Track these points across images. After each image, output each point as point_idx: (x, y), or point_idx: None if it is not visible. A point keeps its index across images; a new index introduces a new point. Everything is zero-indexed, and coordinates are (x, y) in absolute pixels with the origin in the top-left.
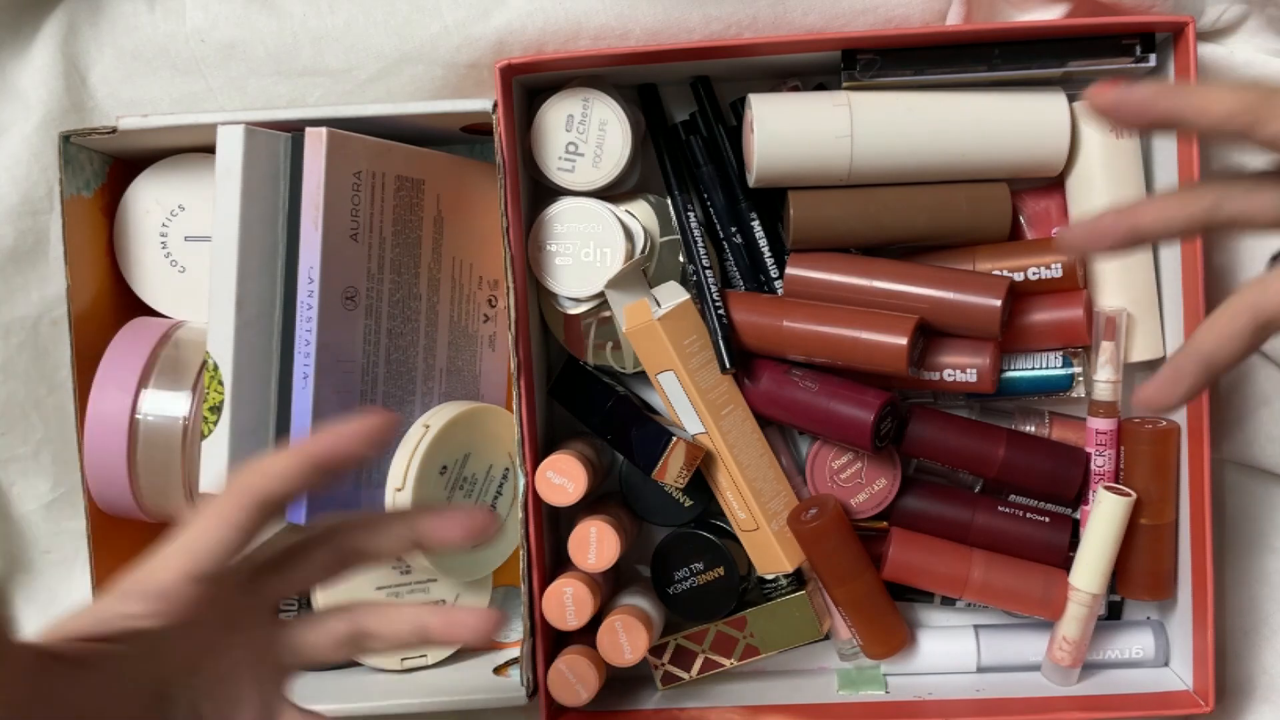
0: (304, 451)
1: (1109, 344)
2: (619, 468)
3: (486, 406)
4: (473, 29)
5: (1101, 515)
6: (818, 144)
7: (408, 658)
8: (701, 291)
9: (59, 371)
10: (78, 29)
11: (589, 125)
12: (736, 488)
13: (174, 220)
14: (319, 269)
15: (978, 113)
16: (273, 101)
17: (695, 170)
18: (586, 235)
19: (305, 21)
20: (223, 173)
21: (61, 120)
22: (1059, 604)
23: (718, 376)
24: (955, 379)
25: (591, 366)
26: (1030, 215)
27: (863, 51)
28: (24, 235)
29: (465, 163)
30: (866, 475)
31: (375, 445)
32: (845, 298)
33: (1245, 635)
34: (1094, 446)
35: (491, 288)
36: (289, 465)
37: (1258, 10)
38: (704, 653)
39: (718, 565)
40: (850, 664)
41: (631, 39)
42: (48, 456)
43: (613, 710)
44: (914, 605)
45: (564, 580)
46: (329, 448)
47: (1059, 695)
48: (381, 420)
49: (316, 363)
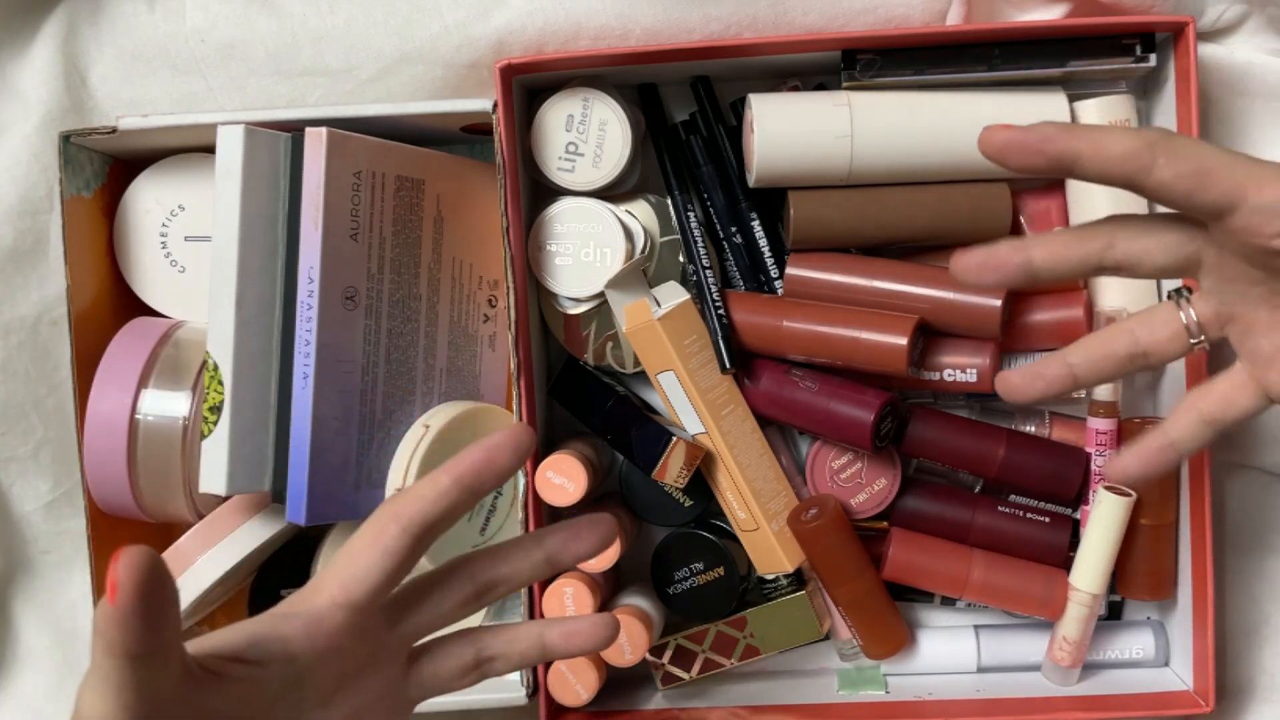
0: (454, 472)
1: None
2: (619, 468)
3: (486, 406)
4: (473, 29)
5: (1101, 515)
6: (818, 144)
7: None
8: (701, 291)
9: (59, 371)
10: (78, 29)
11: (589, 125)
12: (736, 488)
13: (174, 220)
14: (319, 269)
15: (978, 113)
16: (273, 101)
17: (695, 170)
18: (586, 235)
19: (305, 21)
20: (223, 173)
21: (61, 120)
22: (1059, 604)
23: (718, 376)
24: (955, 379)
25: (591, 366)
26: (1030, 215)
27: (863, 51)
28: (24, 235)
29: (465, 163)
30: (866, 475)
31: (523, 457)
32: (845, 298)
33: (1245, 635)
34: (1094, 446)
35: (491, 288)
36: (442, 487)
37: (1258, 10)
38: (704, 653)
39: (718, 565)
40: (850, 664)
41: (631, 39)
42: (48, 456)
43: (613, 710)
44: (914, 605)
45: (564, 580)
46: (479, 464)
47: (1059, 695)
48: (526, 432)
49: (316, 363)
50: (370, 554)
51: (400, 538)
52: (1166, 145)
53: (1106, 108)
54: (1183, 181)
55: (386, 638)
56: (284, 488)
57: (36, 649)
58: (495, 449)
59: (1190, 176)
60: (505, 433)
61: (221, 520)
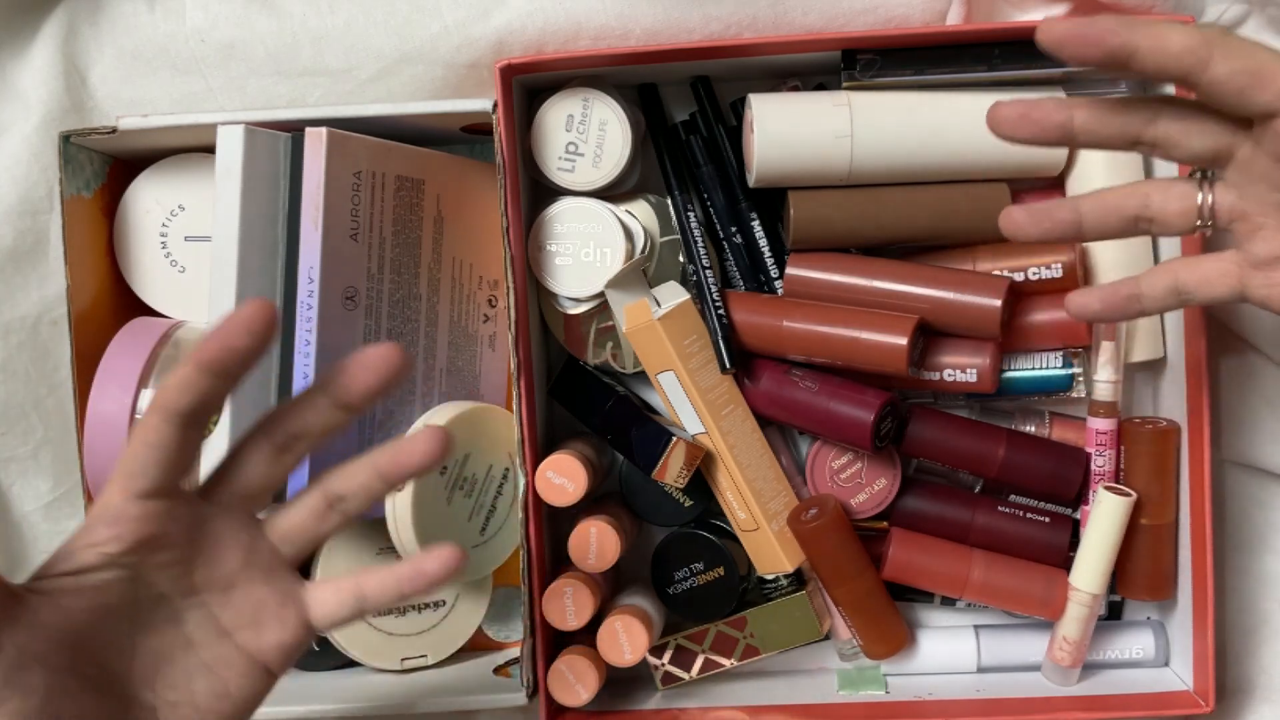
0: (195, 358)
1: (1109, 344)
2: (619, 468)
3: (486, 406)
4: (473, 29)
5: (1101, 515)
6: (818, 144)
7: (408, 658)
8: (701, 291)
9: (59, 371)
10: (78, 29)
11: (589, 125)
12: (736, 488)
13: (174, 220)
14: (319, 269)
15: (978, 113)
16: (273, 101)
17: (695, 170)
18: (586, 235)
19: (305, 21)
20: (223, 173)
21: (61, 120)
22: (1059, 604)
23: (718, 376)
24: (955, 379)
25: (591, 366)
26: None
27: (863, 51)
28: (24, 235)
29: (465, 163)
30: (866, 475)
31: (259, 335)
32: (845, 298)
33: (1245, 635)
34: (1094, 446)
35: (491, 288)
36: (185, 374)
37: (1258, 10)
38: (704, 653)
39: (718, 565)
40: (850, 664)
41: (631, 39)
42: (48, 456)
43: (613, 710)
44: (914, 605)
45: (564, 580)
46: (215, 345)
47: (1059, 695)
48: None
49: (317, 363)
50: (138, 447)
51: (160, 427)
52: (1224, 42)
53: None
54: (1237, 79)
55: (210, 511)
56: (284, 488)
57: None
58: (228, 328)
59: (1245, 74)
60: (237, 313)
61: None
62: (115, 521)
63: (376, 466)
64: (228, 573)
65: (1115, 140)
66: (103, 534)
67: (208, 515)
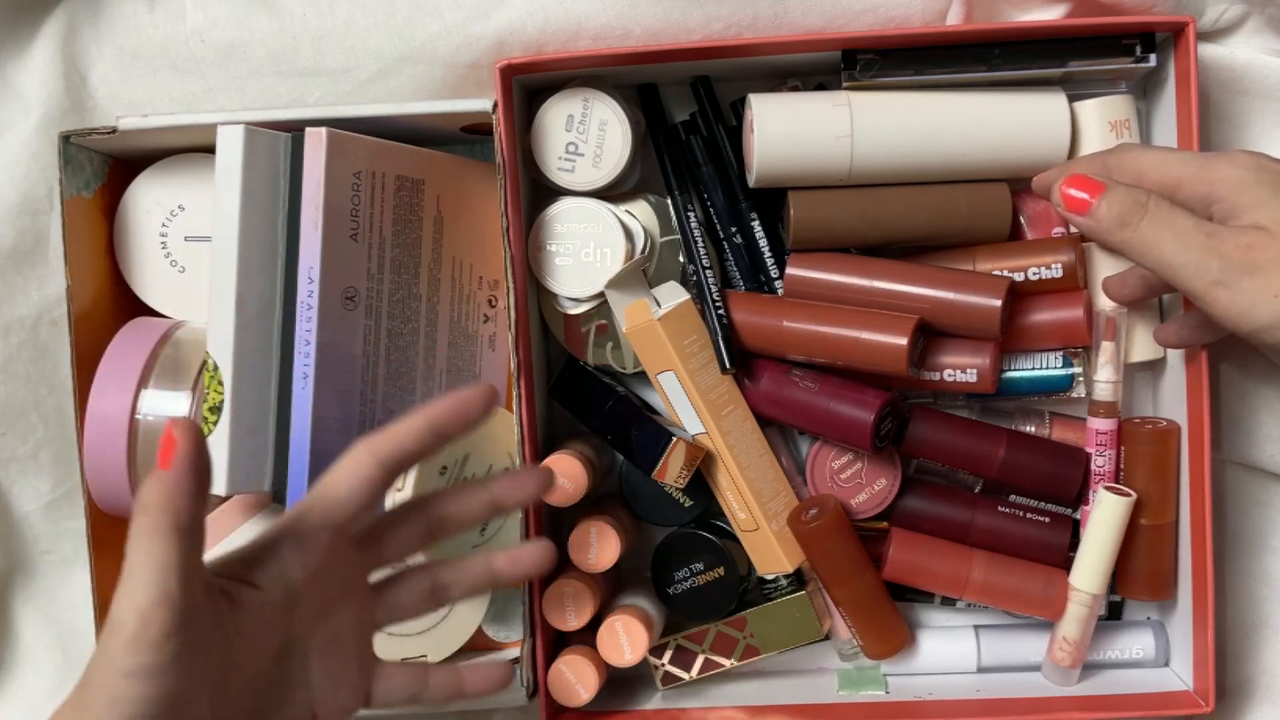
0: (429, 415)
1: (1109, 344)
2: (619, 468)
3: None
4: (473, 29)
5: (1102, 515)
6: (818, 144)
7: (408, 658)
8: (701, 291)
9: (59, 371)
10: (78, 29)
11: (589, 125)
12: (736, 488)
13: (174, 220)
14: (319, 269)
15: (978, 113)
16: (273, 101)
17: (695, 170)
18: (586, 235)
19: (305, 21)
20: (223, 173)
21: (61, 120)
22: (1059, 604)
23: (718, 376)
24: (955, 379)
25: (591, 366)
26: (1030, 215)
27: (863, 51)
28: (24, 235)
29: (465, 163)
30: (866, 475)
31: (489, 413)
32: (845, 298)
33: (1245, 635)
34: (1094, 447)
35: (491, 288)
36: (415, 426)
37: (1258, 10)
38: (704, 653)
39: (718, 565)
40: (850, 664)
41: (631, 39)
42: (48, 456)
43: (613, 710)
44: (914, 605)
45: (564, 580)
46: (451, 411)
47: (1059, 695)
48: (492, 390)
49: (316, 363)
50: (350, 482)
51: (376, 469)
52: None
53: (1106, 108)
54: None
55: (356, 564)
56: (284, 488)
57: (36, 649)
58: (466, 400)
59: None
60: (475, 387)
61: (221, 520)
62: (304, 545)
63: (491, 566)
64: (339, 627)
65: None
66: (291, 552)
67: (354, 567)
